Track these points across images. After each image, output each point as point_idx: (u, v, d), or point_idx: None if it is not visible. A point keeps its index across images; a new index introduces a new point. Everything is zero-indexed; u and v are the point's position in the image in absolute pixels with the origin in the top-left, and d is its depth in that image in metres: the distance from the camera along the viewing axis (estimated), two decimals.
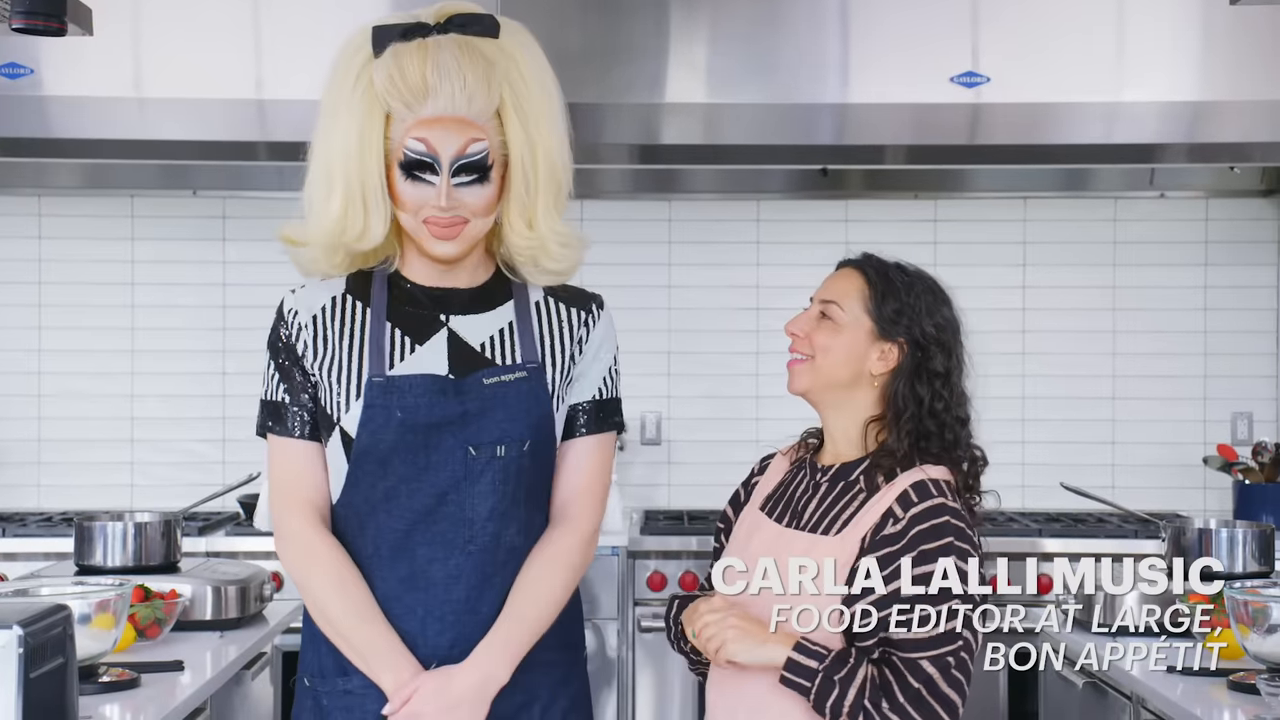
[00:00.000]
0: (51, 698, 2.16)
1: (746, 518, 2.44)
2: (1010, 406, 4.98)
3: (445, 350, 2.19)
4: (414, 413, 2.14)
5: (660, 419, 5.06)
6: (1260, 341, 5.04)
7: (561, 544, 2.21)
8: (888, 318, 2.32)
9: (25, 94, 4.20)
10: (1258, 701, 2.61)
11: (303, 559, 2.18)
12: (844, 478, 2.33)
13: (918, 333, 2.32)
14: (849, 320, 2.33)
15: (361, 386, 2.15)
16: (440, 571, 2.16)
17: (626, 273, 4.96)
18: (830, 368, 2.33)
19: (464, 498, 2.16)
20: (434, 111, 2.11)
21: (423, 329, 2.20)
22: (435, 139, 2.11)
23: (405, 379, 2.15)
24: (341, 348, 2.18)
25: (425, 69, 2.10)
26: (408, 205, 2.14)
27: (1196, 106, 4.29)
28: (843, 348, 2.33)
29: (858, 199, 5.04)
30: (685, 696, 4.40)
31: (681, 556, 4.43)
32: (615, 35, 4.29)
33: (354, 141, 2.13)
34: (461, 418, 2.15)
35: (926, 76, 4.24)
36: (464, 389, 2.16)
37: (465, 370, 2.17)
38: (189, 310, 5.00)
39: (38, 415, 5.00)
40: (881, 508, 2.25)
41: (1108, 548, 4.36)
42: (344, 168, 2.14)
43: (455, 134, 2.11)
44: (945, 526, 2.20)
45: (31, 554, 4.25)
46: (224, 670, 3.01)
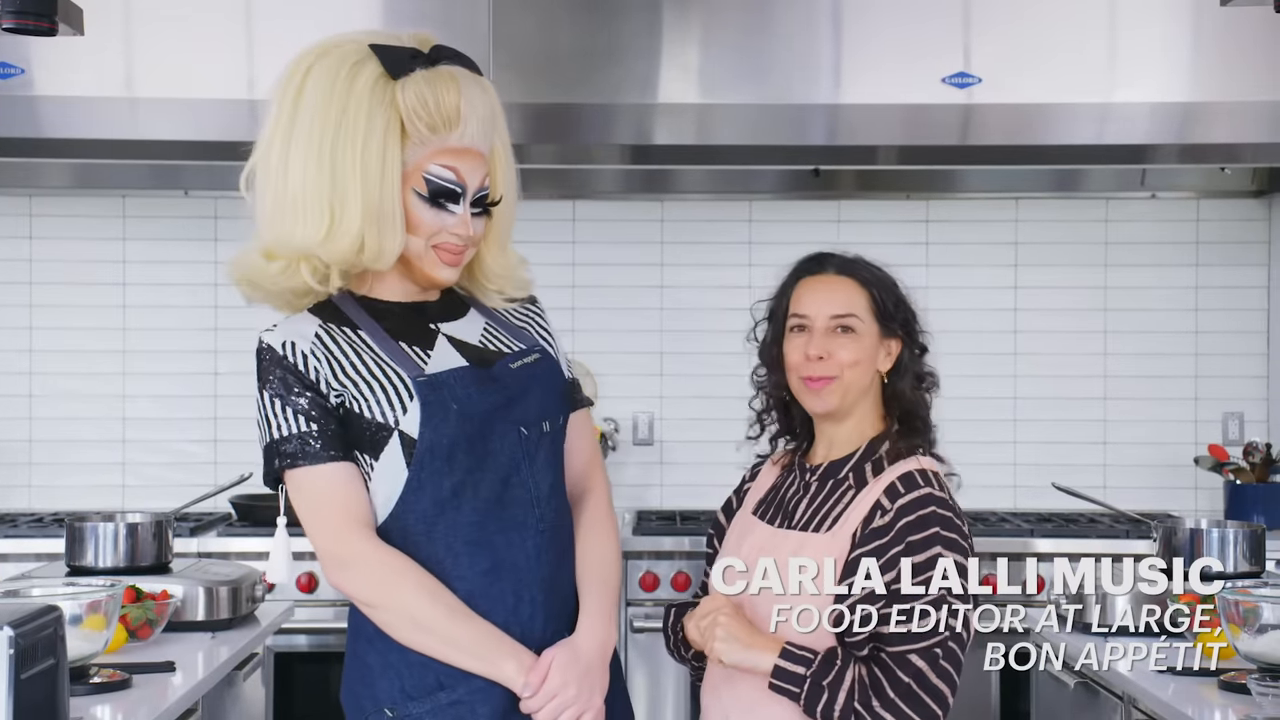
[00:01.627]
0: (42, 699, 2.16)
1: (738, 523, 2.45)
2: (1002, 406, 4.99)
3: (454, 349, 2.20)
4: (466, 403, 2.14)
5: (653, 419, 5.06)
6: (1251, 342, 5.05)
7: (599, 511, 2.31)
8: (889, 315, 2.35)
9: (16, 94, 4.19)
10: (1249, 701, 2.62)
11: (382, 577, 2.11)
12: (833, 475, 2.34)
13: (907, 327, 2.35)
14: (865, 329, 2.35)
15: (408, 389, 2.13)
16: (521, 555, 2.17)
17: (619, 273, 4.96)
18: (858, 380, 2.35)
19: (526, 478, 2.18)
20: (461, 142, 2.14)
21: (424, 338, 2.20)
22: (464, 170, 2.15)
23: (447, 374, 2.15)
24: (362, 364, 2.15)
25: (459, 99, 2.13)
26: (424, 229, 2.15)
27: (1188, 107, 4.30)
28: (867, 359, 2.35)
29: (849, 199, 5.05)
30: (679, 697, 4.40)
31: (674, 557, 4.43)
32: (607, 35, 4.29)
33: (375, 159, 2.11)
34: (507, 403, 2.17)
35: (918, 77, 4.24)
36: (497, 375, 2.18)
37: (483, 361, 2.20)
38: (181, 311, 4.99)
39: (29, 415, 4.99)
40: (869, 500, 2.26)
41: (1099, 548, 4.37)
42: (362, 185, 2.10)
43: (477, 167, 2.17)
44: (931, 517, 2.21)
45: (22, 555, 4.25)
46: (215, 671, 3.01)
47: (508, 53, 4.25)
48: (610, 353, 5.02)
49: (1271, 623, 2.64)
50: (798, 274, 2.43)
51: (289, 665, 4.29)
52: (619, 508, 4.84)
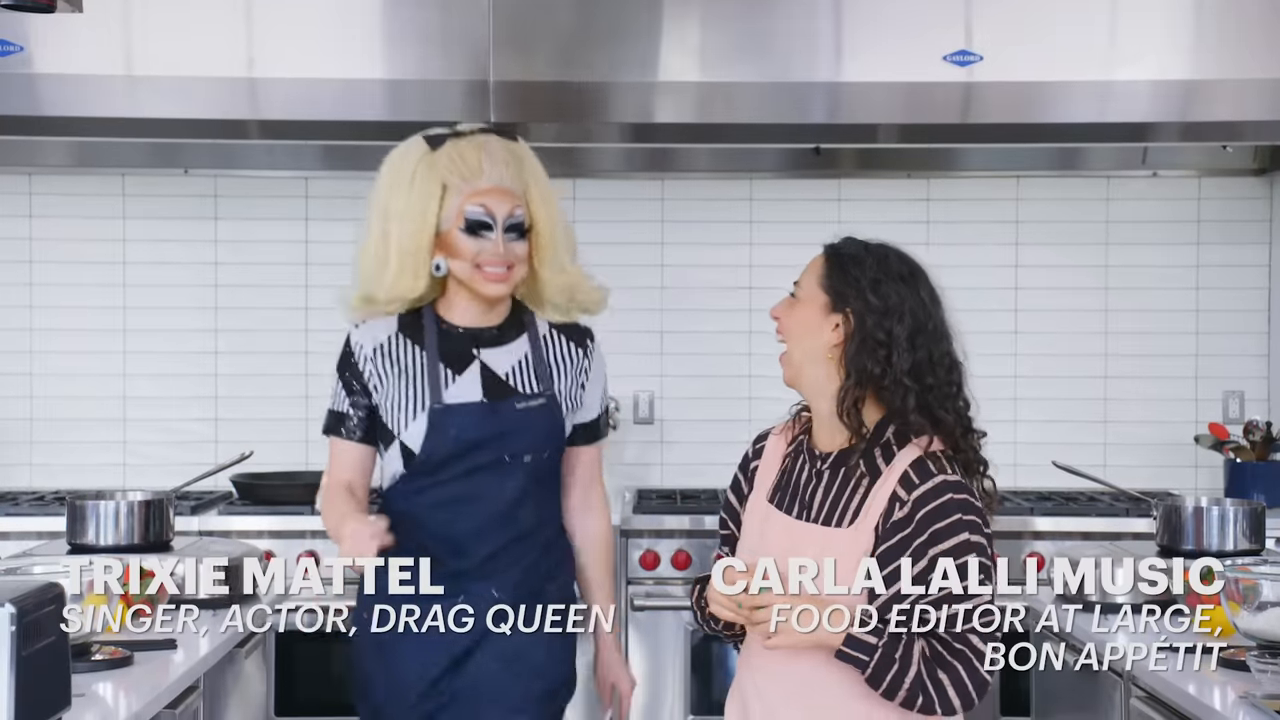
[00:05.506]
0: (45, 676, 2.16)
1: (755, 508, 2.45)
2: (1002, 385, 4.99)
3: (479, 380, 2.83)
4: (465, 431, 2.80)
5: (653, 398, 5.06)
6: (1252, 320, 5.04)
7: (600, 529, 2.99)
8: (835, 290, 2.35)
9: (15, 72, 4.18)
10: (1248, 678, 2.62)
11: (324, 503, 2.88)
12: (844, 463, 2.35)
13: (860, 305, 2.33)
14: (805, 295, 2.38)
15: (420, 410, 2.80)
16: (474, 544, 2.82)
17: (619, 251, 4.95)
18: (798, 348, 2.38)
19: (498, 490, 2.82)
20: (488, 184, 2.78)
21: (461, 362, 2.84)
22: (492, 204, 2.78)
23: (459, 406, 2.81)
24: (401, 379, 2.83)
25: (480, 154, 2.80)
26: (467, 255, 2.78)
27: (1189, 85, 4.29)
28: (799, 323, 2.36)
29: (850, 178, 5.04)
30: (678, 674, 4.41)
31: (674, 535, 4.43)
32: (608, 14, 4.28)
33: (413, 220, 2.77)
34: (500, 435, 2.81)
35: (919, 55, 4.23)
36: (501, 412, 2.82)
37: (497, 396, 2.82)
38: (181, 289, 4.99)
39: (29, 394, 4.99)
40: (886, 492, 2.28)
41: (1099, 526, 4.37)
42: (399, 239, 2.78)
43: (505, 201, 2.79)
44: (950, 504, 2.24)
45: (24, 533, 4.25)
46: (216, 649, 3.02)
47: (508, 31, 4.23)
48: (610, 331, 4.95)
49: (1271, 600, 2.65)
50: None
51: (290, 644, 4.29)
52: (619, 487, 4.86)
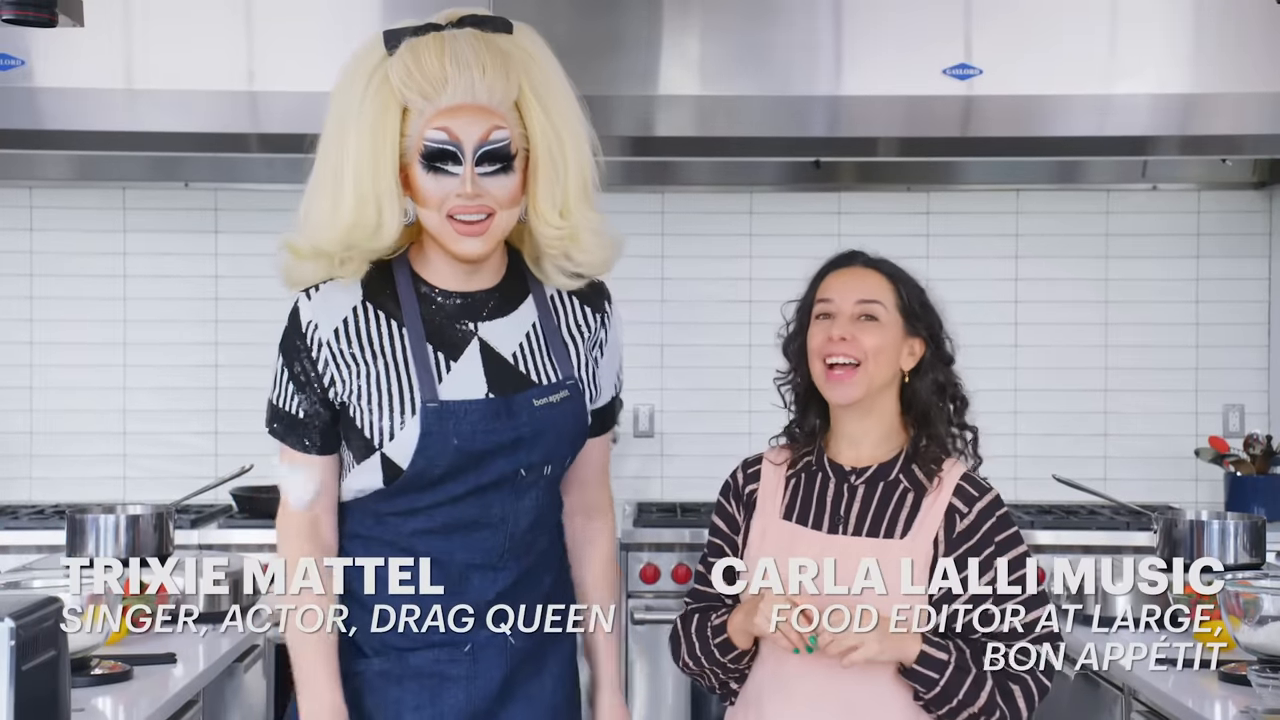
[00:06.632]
0: (43, 690, 2.16)
1: (769, 530, 2.39)
2: (1002, 398, 4.98)
3: (480, 365, 2.14)
4: (470, 439, 2.10)
5: (653, 411, 5.06)
6: (1251, 334, 5.04)
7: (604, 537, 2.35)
8: (914, 314, 2.35)
9: (16, 85, 4.18)
10: (1249, 693, 2.62)
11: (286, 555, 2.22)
12: (883, 478, 2.34)
13: (926, 330, 2.35)
14: (889, 320, 2.35)
15: (408, 411, 2.10)
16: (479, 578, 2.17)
17: (619, 265, 4.88)
18: (880, 370, 2.34)
19: (508, 514, 2.17)
20: (453, 100, 2.06)
21: (456, 343, 2.15)
22: (457, 127, 2.06)
23: (460, 404, 2.10)
24: (375, 368, 2.12)
25: (443, 59, 2.06)
26: (431, 199, 2.08)
27: (1188, 99, 4.29)
28: (890, 349, 2.34)
29: (850, 191, 5.04)
30: (679, 688, 4.40)
31: (675, 549, 4.43)
32: (607, 27, 4.28)
33: (367, 140, 2.06)
34: (514, 442, 2.13)
35: (919, 69, 4.24)
36: (515, 411, 2.13)
37: (505, 389, 2.14)
38: (181, 303, 4.99)
39: (29, 408, 4.99)
40: (942, 506, 2.31)
41: (1100, 540, 4.37)
42: (355, 167, 2.07)
43: (477, 122, 2.06)
44: (1008, 517, 2.33)
45: (24, 546, 4.24)
46: (216, 663, 3.01)
47: None
48: None
49: (1272, 614, 2.64)
50: (825, 269, 2.43)
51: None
52: (620, 499, 4.85)
